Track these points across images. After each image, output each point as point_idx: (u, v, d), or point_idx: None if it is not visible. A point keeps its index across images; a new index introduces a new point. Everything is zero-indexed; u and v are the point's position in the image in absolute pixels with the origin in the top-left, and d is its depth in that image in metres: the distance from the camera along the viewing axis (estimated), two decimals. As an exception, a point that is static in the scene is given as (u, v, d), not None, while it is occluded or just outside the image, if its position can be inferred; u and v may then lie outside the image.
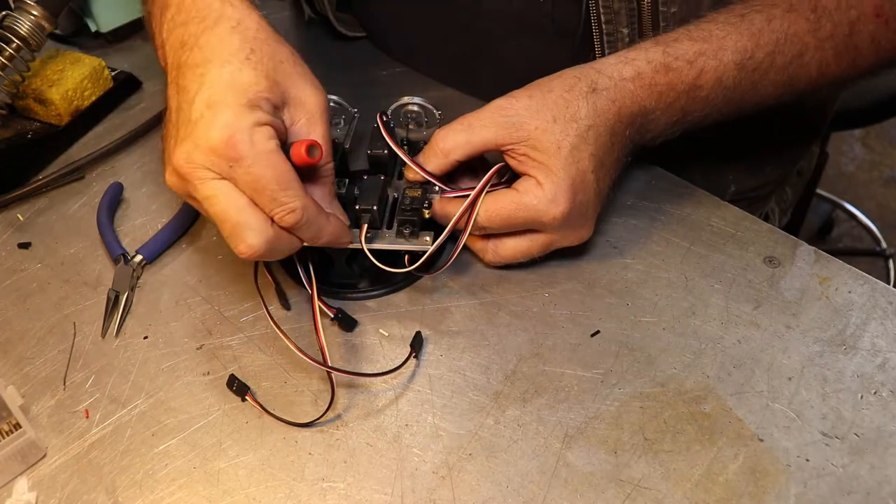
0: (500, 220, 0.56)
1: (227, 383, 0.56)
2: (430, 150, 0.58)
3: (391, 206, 0.61)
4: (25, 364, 0.59)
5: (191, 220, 0.69)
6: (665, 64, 0.57)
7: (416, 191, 0.59)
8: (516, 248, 0.59)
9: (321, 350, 0.55)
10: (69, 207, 0.72)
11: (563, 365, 0.56)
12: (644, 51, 0.58)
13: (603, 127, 0.56)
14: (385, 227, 0.59)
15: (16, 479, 0.52)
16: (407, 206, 0.58)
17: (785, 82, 0.60)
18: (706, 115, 0.60)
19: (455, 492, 0.50)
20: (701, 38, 0.58)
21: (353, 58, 0.86)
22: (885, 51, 0.61)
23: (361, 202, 0.57)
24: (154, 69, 0.88)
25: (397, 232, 0.58)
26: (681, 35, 0.59)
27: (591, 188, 0.56)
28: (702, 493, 0.49)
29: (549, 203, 0.55)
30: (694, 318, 0.58)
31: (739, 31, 0.58)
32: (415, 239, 0.58)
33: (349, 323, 0.59)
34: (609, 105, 0.56)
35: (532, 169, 0.55)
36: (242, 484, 0.51)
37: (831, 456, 0.50)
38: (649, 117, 0.58)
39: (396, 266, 0.57)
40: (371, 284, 0.62)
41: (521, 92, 0.57)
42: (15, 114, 0.78)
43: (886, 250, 1.92)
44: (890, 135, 2.25)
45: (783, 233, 0.64)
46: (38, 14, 0.72)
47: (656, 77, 0.57)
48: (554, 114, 0.55)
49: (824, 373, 0.54)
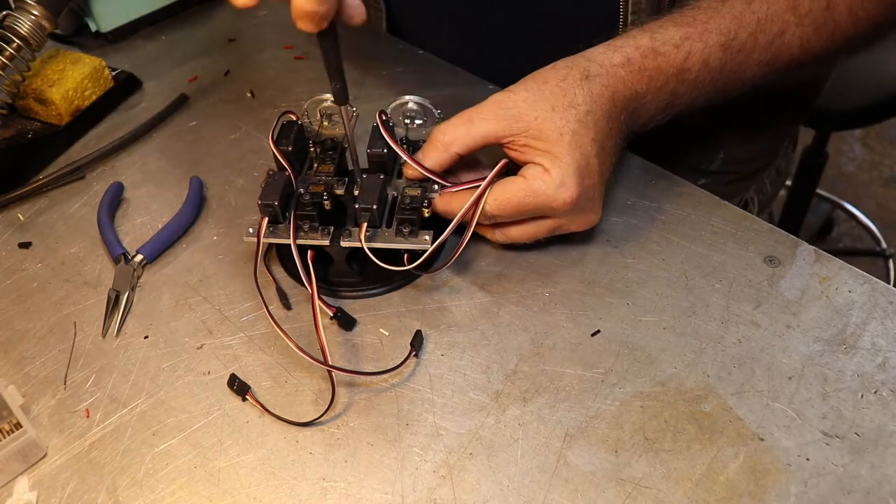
0: (511, 209, 0.57)
1: (228, 383, 0.56)
2: (429, 145, 0.59)
3: (390, 205, 0.61)
4: (26, 363, 0.59)
5: (191, 220, 0.69)
6: (653, 49, 0.59)
7: (416, 190, 0.59)
8: (523, 232, 0.61)
9: (322, 349, 0.55)
10: (69, 207, 0.72)
11: (564, 364, 0.56)
12: (632, 38, 0.59)
13: (600, 112, 0.57)
14: (384, 226, 0.59)
15: (16, 479, 0.52)
16: (406, 205, 0.58)
17: (768, 61, 0.62)
18: (694, 97, 0.62)
19: (456, 491, 0.50)
20: (685, 23, 0.60)
21: (353, 56, 0.86)
22: (862, 21, 0.63)
23: (361, 201, 0.57)
24: (154, 69, 0.89)
25: (396, 231, 0.58)
26: (666, 21, 0.61)
27: (595, 172, 0.57)
28: (702, 492, 0.49)
29: (559, 188, 0.55)
30: (694, 318, 0.58)
31: (721, 15, 0.60)
32: (414, 238, 0.58)
33: (348, 322, 0.59)
34: (603, 90, 0.57)
35: (536, 157, 0.56)
36: (243, 483, 0.51)
37: (832, 455, 0.50)
38: (641, 101, 0.60)
39: (396, 264, 0.57)
40: (371, 283, 0.62)
41: (517, 86, 0.58)
42: (15, 113, 0.79)
43: (886, 250, 1.92)
44: (890, 135, 2.25)
45: (783, 232, 0.64)
46: (39, 14, 0.72)
47: (645, 62, 0.58)
48: (552, 103, 0.56)
49: (825, 372, 0.54)
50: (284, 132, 0.62)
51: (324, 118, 0.66)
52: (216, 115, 0.82)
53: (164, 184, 0.73)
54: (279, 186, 0.58)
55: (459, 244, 0.58)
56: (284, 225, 0.59)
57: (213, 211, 0.70)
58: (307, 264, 0.58)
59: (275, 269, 0.63)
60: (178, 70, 0.88)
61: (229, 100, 0.84)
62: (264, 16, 0.97)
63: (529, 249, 0.63)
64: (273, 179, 0.59)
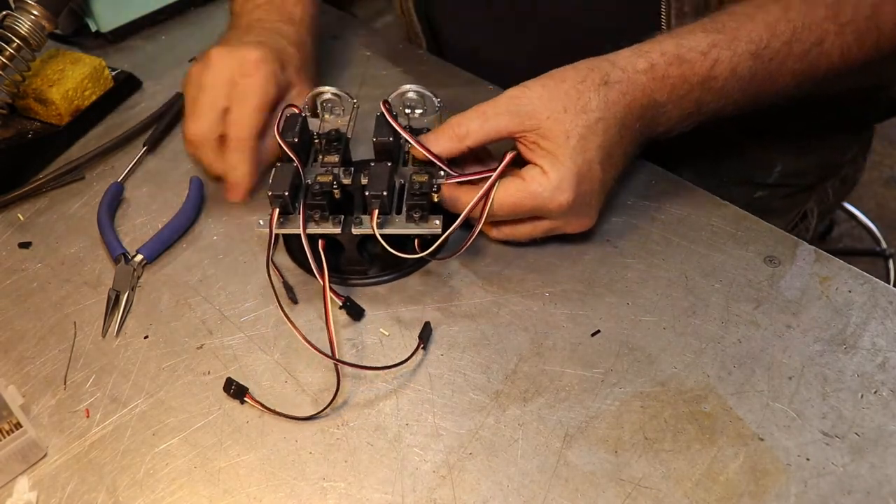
0: (508, 208, 0.57)
1: (225, 388, 0.55)
2: (442, 133, 0.58)
3: (399, 193, 0.62)
4: (26, 363, 0.59)
5: (191, 220, 0.69)
6: (678, 55, 0.58)
7: (423, 176, 0.59)
8: (520, 231, 0.61)
9: (330, 342, 0.55)
10: (69, 207, 0.72)
11: (564, 364, 0.56)
12: (658, 43, 0.59)
13: (613, 119, 0.57)
14: (394, 213, 0.60)
15: (16, 479, 0.52)
16: (416, 190, 0.58)
17: (804, 70, 0.60)
18: (722, 106, 0.60)
19: (456, 491, 0.50)
20: (714, 30, 0.59)
21: (353, 55, 0.86)
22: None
23: (371, 188, 0.58)
24: (154, 69, 0.89)
25: (407, 216, 0.59)
26: (696, 27, 0.59)
27: (596, 178, 0.57)
28: (702, 492, 0.49)
29: (554, 191, 0.56)
30: (694, 318, 0.58)
31: (755, 22, 0.59)
32: (425, 223, 0.58)
33: (357, 312, 0.60)
34: (620, 97, 0.57)
35: (539, 158, 0.56)
36: (243, 483, 0.51)
37: (832, 455, 0.50)
38: (660, 110, 0.59)
39: (404, 251, 0.58)
40: (379, 271, 0.63)
41: (534, 82, 0.57)
42: (15, 113, 0.79)
43: (886, 250, 1.92)
44: (890, 135, 2.25)
45: (783, 232, 0.64)
46: (39, 14, 0.72)
47: (669, 69, 0.58)
48: (565, 104, 0.56)
49: (825, 372, 0.54)
50: (289, 125, 0.63)
51: (325, 111, 0.67)
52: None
53: (164, 184, 0.73)
54: (288, 177, 0.59)
55: (469, 236, 0.58)
56: (294, 215, 0.60)
57: (213, 211, 0.70)
58: (318, 254, 0.59)
59: (280, 263, 0.63)
60: (179, 70, 0.88)
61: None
62: (264, 16, 0.97)
63: (529, 249, 0.64)
64: (281, 171, 0.60)
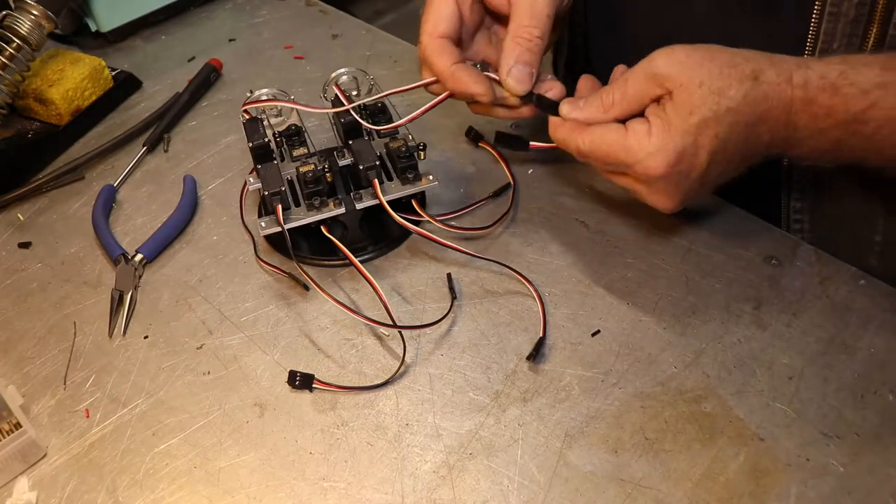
0: (601, 154, 0.55)
1: (289, 381, 0.55)
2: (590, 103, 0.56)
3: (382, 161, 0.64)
4: (26, 364, 0.59)
5: (187, 218, 0.69)
6: (834, 85, 0.51)
7: (399, 141, 0.63)
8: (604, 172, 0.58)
9: (387, 311, 0.57)
10: (69, 207, 0.72)
11: (564, 364, 0.56)
12: (825, 64, 0.52)
13: (743, 116, 0.52)
14: (388, 180, 0.62)
15: (16, 479, 0.52)
16: (403, 153, 0.61)
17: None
18: (869, 154, 0.53)
19: (455, 491, 0.50)
20: (893, 68, 0.50)
21: (354, 55, 0.86)
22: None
23: (364, 161, 0.60)
24: (154, 69, 0.89)
25: (402, 180, 0.61)
26: (874, 60, 0.52)
27: (698, 166, 0.53)
28: (702, 492, 0.49)
29: (648, 155, 0.52)
30: (694, 318, 0.58)
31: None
32: (419, 182, 0.61)
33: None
34: (761, 100, 0.52)
35: (654, 116, 0.53)
36: (243, 483, 0.51)
37: (831, 455, 0.50)
38: (795, 135, 0.53)
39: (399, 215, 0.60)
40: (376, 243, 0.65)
41: (683, 47, 0.53)
42: (15, 113, 0.79)
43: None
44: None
45: (783, 232, 0.64)
46: (39, 14, 0.72)
47: (820, 96, 0.51)
48: (702, 79, 0.52)
49: (825, 372, 0.54)
50: (252, 129, 0.64)
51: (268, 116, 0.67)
52: (216, 116, 0.82)
53: (164, 184, 0.73)
54: (277, 174, 0.60)
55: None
56: (297, 208, 0.61)
57: (212, 211, 0.70)
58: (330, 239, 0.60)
59: (270, 260, 0.64)
60: (179, 70, 0.88)
61: (229, 100, 0.84)
62: (264, 15, 0.97)
63: (529, 249, 0.64)
64: (266, 171, 0.61)
